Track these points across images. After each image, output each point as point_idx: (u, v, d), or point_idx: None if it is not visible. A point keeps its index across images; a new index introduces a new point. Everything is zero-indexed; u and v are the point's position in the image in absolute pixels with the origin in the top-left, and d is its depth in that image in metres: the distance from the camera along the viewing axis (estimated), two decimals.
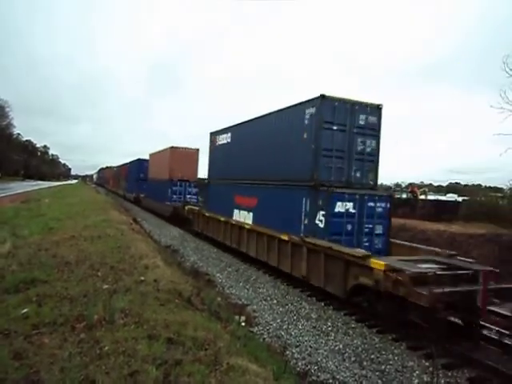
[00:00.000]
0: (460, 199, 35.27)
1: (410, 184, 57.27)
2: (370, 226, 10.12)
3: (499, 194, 29.05)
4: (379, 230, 10.26)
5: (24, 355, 3.90)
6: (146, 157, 35.39)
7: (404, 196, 39.81)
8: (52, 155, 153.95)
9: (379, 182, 10.77)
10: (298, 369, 6.34)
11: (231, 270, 12.99)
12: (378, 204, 10.20)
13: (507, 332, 6.67)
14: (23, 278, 6.52)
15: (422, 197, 36.76)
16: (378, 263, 7.46)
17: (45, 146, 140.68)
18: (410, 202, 31.16)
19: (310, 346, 7.17)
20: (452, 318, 7.45)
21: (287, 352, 6.79)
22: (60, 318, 4.86)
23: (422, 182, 69.51)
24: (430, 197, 41.34)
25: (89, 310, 5.13)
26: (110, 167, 78.73)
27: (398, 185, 64.03)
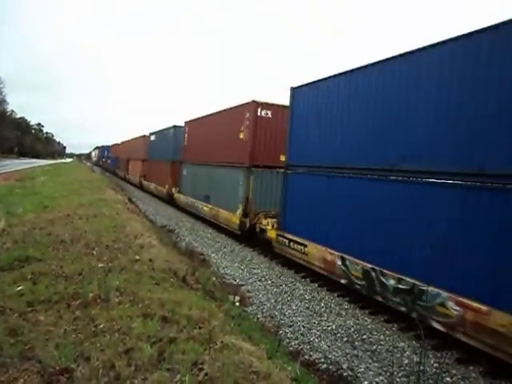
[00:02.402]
0: None
1: None
2: None
3: None
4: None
5: (19, 332, 3.93)
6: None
7: None
8: (46, 133, 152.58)
9: None
10: (291, 348, 6.44)
11: (226, 251, 13.07)
12: None
13: None
14: (18, 255, 6.52)
15: None
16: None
17: (39, 124, 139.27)
18: None
19: (303, 326, 7.27)
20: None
21: (280, 332, 6.88)
22: (55, 296, 4.88)
23: None
24: None
25: (84, 288, 5.16)
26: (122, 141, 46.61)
27: None
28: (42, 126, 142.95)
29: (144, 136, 32.43)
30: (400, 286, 6.82)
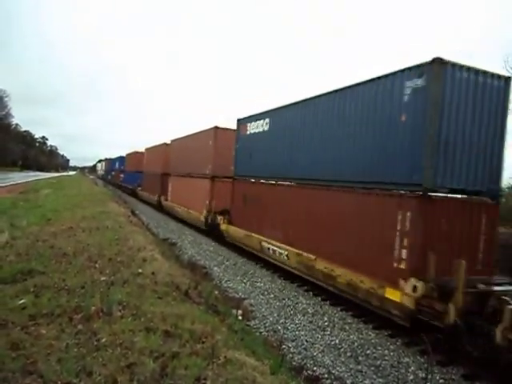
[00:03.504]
0: None
1: None
2: None
3: None
4: None
5: (21, 346, 3.91)
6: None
7: None
8: (50, 146, 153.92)
9: None
10: (294, 363, 6.36)
11: (229, 264, 13.01)
12: None
13: None
14: (21, 268, 6.52)
15: None
16: None
17: (43, 137, 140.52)
18: None
19: (307, 341, 7.19)
20: None
21: (283, 346, 6.81)
22: (57, 309, 4.86)
23: None
24: None
25: (86, 301, 5.13)
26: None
27: None
28: (47, 139, 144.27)
29: (216, 128, 16.96)
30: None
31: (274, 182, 12.35)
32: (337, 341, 7.24)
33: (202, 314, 5.61)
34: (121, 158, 50.59)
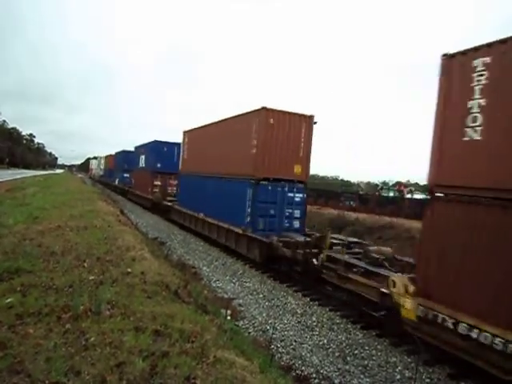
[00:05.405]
0: None
1: (398, 182, 57.53)
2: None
3: None
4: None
5: (8, 345, 3.85)
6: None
7: (391, 194, 40.03)
8: (38, 143, 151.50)
9: (368, 179, 9.82)
10: (283, 363, 6.40)
11: (218, 264, 13.01)
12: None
13: None
14: (7, 267, 6.41)
15: (409, 195, 37.12)
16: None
17: (30, 134, 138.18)
18: (396, 200, 31.56)
19: (295, 341, 7.24)
20: None
21: (272, 346, 6.84)
22: (45, 309, 4.80)
23: (408, 181, 69.73)
24: (417, 196, 41.41)
25: (74, 300, 5.08)
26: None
27: (385, 183, 64.34)
28: (34, 137, 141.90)
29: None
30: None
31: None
32: (325, 341, 7.30)
33: (191, 313, 5.59)
34: (155, 147, 25.88)
